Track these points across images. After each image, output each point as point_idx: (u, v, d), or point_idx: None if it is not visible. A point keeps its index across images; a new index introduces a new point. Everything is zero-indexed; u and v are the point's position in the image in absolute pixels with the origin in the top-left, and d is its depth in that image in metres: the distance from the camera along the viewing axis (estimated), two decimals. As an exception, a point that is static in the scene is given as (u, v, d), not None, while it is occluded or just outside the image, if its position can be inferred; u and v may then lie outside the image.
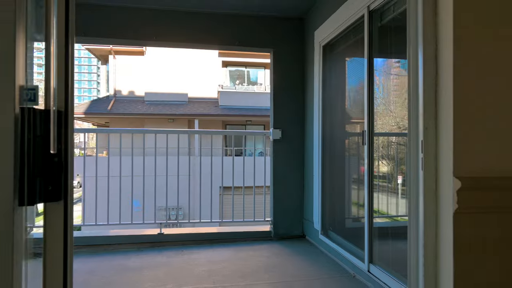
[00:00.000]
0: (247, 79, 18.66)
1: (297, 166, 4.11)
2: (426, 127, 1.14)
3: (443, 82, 1.23)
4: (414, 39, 1.26)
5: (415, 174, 1.17)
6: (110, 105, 15.42)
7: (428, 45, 1.24)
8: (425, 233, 1.16)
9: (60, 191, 0.78)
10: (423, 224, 1.15)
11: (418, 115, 1.18)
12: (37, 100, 0.80)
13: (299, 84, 4.11)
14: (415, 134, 1.16)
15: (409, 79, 1.23)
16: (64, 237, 0.79)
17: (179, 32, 3.82)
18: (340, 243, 3.25)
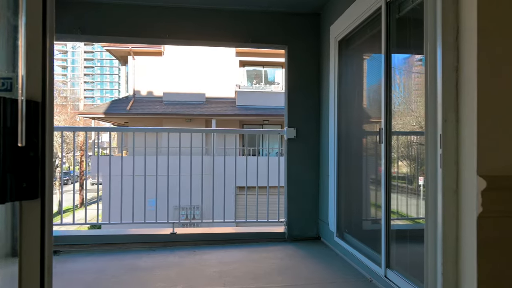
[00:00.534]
0: (264, 78, 18.58)
1: (312, 166, 4.00)
2: (445, 119, 1.01)
3: (466, 71, 1.10)
4: (432, 24, 1.14)
5: (432, 172, 1.05)
6: (129, 105, 15.64)
7: (448, 31, 1.12)
8: (444, 239, 1.05)
9: (37, 188, 0.72)
10: (441, 229, 1.04)
11: (436, 106, 1.05)
12: (15, 90, 0.74)
13: (314, 81, 4.00)
14: (433, 127, 1.04)
15: (426, 67, 1.11)
16: (41, 238, 0.72)
17: (191, 30, 3.78)
18: (356, 246, 3.12)
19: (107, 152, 23.77)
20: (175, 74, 16.69)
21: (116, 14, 3.68)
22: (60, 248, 3.61)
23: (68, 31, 3.64)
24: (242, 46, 4.02)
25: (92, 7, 3.64)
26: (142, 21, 3.72)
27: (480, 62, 1.14)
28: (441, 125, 1.01)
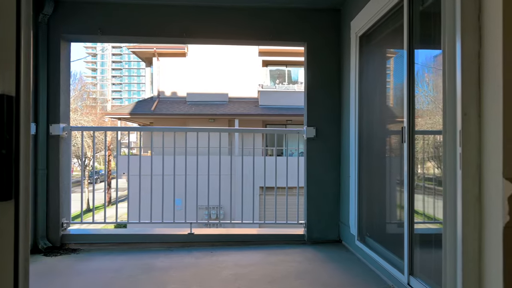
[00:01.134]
0: (287, 78, 18.44)
1: (333, 166, 3.87)
2: (465, 113, 0.88)
3: (490, 56, 0.95)
4: (451, 2, 1.00)
5: (451, 174, 0.92)
6: (154, 106, 15.91)
7: (469, 9, 0.97)
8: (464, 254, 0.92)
9: (10, 188, 0.67)
10: (461, 241, 0.91)
11: (455, 97, 0.92)
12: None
13: (334, 78, 3.87)
14: (451, 122, 0.91)
15: (444, 51, 0.98)
16: (15, 242, 0.67)
17: (209, 28, 3.74)
18: (378, 251, 2.98)
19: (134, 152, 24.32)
20: (199, 75, 16.83)
21: (135, 14, 3.70)
22: (81, 246, 3.66)
23: (89, 32, 3.68)
24: (260, 43, 3.96)
25: (111, 8, 3.67)
26: (160, 21, 3.72)
27: (506, 45, 0.98)
28: (461, 120, 0.88)
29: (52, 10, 3.55)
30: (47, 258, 3.35)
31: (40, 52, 3.54)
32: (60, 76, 3.65)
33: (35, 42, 3.52)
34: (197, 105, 16.37)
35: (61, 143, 3.68)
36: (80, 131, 4.09)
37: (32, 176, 3.52)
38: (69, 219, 3.82)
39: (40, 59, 3.55)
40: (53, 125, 3.62)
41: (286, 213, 4.04)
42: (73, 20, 3.64)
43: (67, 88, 3.82)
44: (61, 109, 3.69)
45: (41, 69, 3.55)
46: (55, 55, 3.62)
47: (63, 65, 3.71)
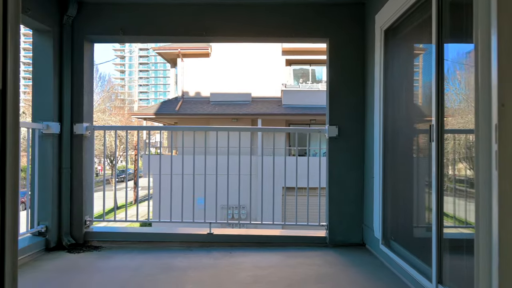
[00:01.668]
0: (311, 77, 18.22)
1: (356, 166, 3.73)
2: (502, 103, 0.76)
3: None
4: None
5: (485, 175, 0.81)
6: (178, 106, 16.11)
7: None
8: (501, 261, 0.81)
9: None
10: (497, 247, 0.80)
11: (489, 84, 0.80)
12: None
13: (358, 75, 3.73)
14: (485, 115, 0.78)
15: (477, 28, 0.86)
16: (1, 245, 0.63)
17: (228, 27, 3.69)
18: (404, 256, 2.83)
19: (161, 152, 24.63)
20: (222, 75, 16.91)
21: (155, 14, 3.70)
22: (103, 244, 3.70)
23: (111, 32, 3.72)
24: (281, 40, 3.88)
25: (132, 8, 3.69)
26: (179, 19, 3.71)
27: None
28: (497, 112, 0.76)
29: (76, 11, 3.60)
30: (70, 255, 3.40)
31: (64, 53, 3.61)
32: (83, 77, 3.71)
33: (59, 43, 3.58)
34: (221, 105, 16.45)
35: (84, 142, 3.74)
36: (105, 130, 4.14)
37: (57, 175, 3.59)
38: (92, 217, 3.87)
39: (64, 60, 3.61)
40: (76, 124, 3.68)
41: (307, 215, 3.94)
42: (96, 21, 3.69)
43: (90, 88, 3.88)
44: (85, 109, 3.74)
45: (65, 70, 3.61)
46: (79, 56, 3.68)
47: (87, 65, 3.76)
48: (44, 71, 3.51)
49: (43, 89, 3.52)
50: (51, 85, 3.51)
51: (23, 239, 3.39)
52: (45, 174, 3.51)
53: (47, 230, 3.50)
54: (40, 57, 3.51)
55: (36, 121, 3.50)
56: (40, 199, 3.50)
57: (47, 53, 3.50)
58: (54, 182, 3.55)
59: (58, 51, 3.58)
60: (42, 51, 3.50)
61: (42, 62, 3.51)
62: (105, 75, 50.47)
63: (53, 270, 3.02)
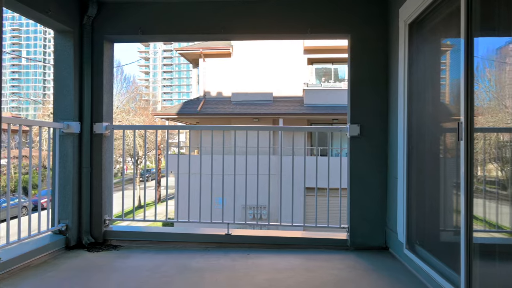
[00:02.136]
0: (334, 76, 17.94)
1: (379, 166, 3.58)
2: None
3: None
4: None
5: None
6: (200, 106, 16.23)
7: None
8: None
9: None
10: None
11: None
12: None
13: (381, 72, 3.58)
14: None
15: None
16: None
17: (245, 24, 3.62)
18: (429, 262, 2.68)
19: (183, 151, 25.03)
20: (243, 74, 16.90)
21: (173, 13, 3.69)
22: (121, 243, 3.72)
23: (130, 32, 3.73)
24: (300, 37, 3.77)
25: (150, 7, 3.69)
26: (197, 18, 3.67)
27: None
28: None
29: (96, 12, 3.63)
30: (89, 254, 3.43)
31: (85, 53, 3.65)
32: (103, 77, 3.73)
33: (80, 43, 3.62)
34: (242, 104, 16.45)
35: (104, 141, 3.77)
36: (123, 130, 4.16)
37: (77, 174, 3.63)
38: (111, 216, 3.90)
39: (85, 60, 3.65)
40: (96, 124, 3.71)
41: (328, 216, 3.82)
42: (115, 21, 3.71)
43: (110, 88, 3.90)
44: (104, 109, 3.77)
45: (85, 70, 3.65)
46: (99, 56, 3.71)
47: (106, 65, 3.79)
48: (65, 71, 3.56)
49: (64, 89, 3.56)
50: (71, 85, 3.55)
51: (44, 237, 3.44)
52: (66, 173, 3.56)
53: (67, 228, 3.55)
54: (61, 58, 3.56)
55: (57, 121, 3.55)
56: (60, 198, 3.55)
57: (68, 54, 3.54)
58: (74, 181, 3.59)
59: (79, 52, 3.62)
60: (63, 51, 3.55)
61: (63, 62, 3.55)
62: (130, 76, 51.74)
63: (71, 269, 3.05)
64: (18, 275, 2.85)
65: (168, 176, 4.31)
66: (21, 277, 2.81)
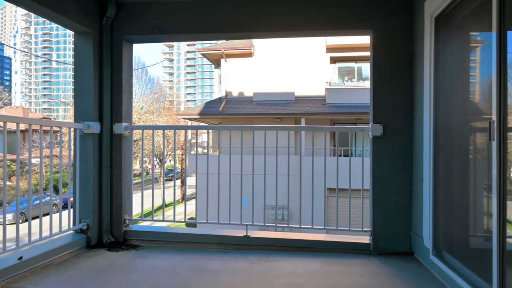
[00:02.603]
0: (357, 74, 17.59)
1: (403, 168, 3.42)
2: None
3: None
4: None
5: None
6: (222, 106, 16.29)
7: None
8: None
9: None
10: None
11: None
12: None
13: (405, 69, 3.42)
14: None
15: None
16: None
17: (263, 21, 3.55)
18: (458, 269, 2.52)
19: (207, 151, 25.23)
20: (265, 74, 16.84)
21: (190, 12, 3.66)
22: (141, 243, 3.73)
23: (148, 32, 3.73)
24: (321, 34, 3.66)
25: (167, 7, 3.68)
26: (215, 16, 3.63)
27: None
28: None
29: (115, 12, 3.65)
30: (109, 253, 3.45)
31: (104, 54, 3.68)
32: (122, 77, 3.75)
33: (99, 44, 3.66)
34: (263, 104, 16.39)
35: (123, 141, 3.79)
36: (142, 130, 4.18)
37: (97, 174, 3.67)
38: (131, 216, 3.92)
39: (104, 61, 3.68)
40: (116, 124, 3.73)
41: (349, 219, 3.69)
42: (133, 22, 3.72)
43: (129, 88, 3.93)
44: (124, 109, 3.79)
45: (105, 70, 3.68)
46: (118, 57, 3.73)
47: (125, 66, 3.81)
48: (85, 72, 3.60)
49: (84, 90, 3.61)
50: (91, 85, 3.59)
51: (66, 236, 3.49)
52: (87, 173, 3.60)
53: (88, 228, 3.58)
54: (81, 59, 3.60)
55: (78, 121, 3.60)
56: (81, 197, 3.60)
57: (88, 55, 3.58)
58: (95, 181, 3.63)
59: (98, 52, 3.65)
60: (83, 52, 3.59)
61: (83, 63, 3.60)
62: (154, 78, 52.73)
63: (91, 268, 3.07)
64: (39, 273, 2.89)
65: (187, 176, 4.30)
66: (42, 276, 2.85)
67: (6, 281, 2.66)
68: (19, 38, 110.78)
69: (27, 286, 2.64)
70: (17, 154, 3.02)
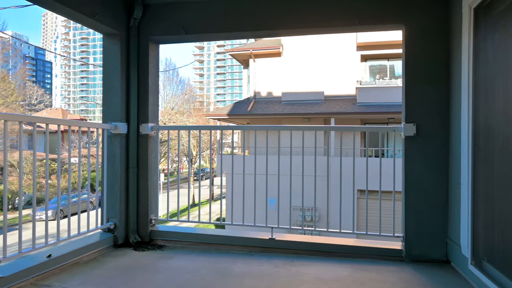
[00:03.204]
0: (390, 73, 17.04)
1: (438, 170, 3.21)
2: None
3: None
4: None
5: None
6: (250, 106, 16.28)
7: None
8: None
9: None
10: None
11: None
12: None
13: (440, 65, 3.21)
14: None
15: None
16: None
17: (289, 18, 3.44)
18: (501, 283, 2.30)
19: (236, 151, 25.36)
20: (294, 74, 16.67)
21: (214, 11, 3.62)
22: (167, 243, 3.73)
23: (173, 32, 3.73)
24: (346, 30, 3.50)
25: (191, 7, 3.66)
26: (238, 15, 3.58)
27: None
28: None
29: (141, 14, 3.68)
30: (135, 253, 3.48)
31: (131, 55, 3.71)
32: (149, 78, 3.78)
33: (126, 46, 3.69)
34: (292, 104, 16.22)
35: (149, 142, 3.81)
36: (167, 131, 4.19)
37: (124, 174, 3.70)
38: (157, 216, 3.94)
39: (131, 62, 3.71)
40: (142, 124, 3.76)
41: (380, 223, 3.52)
42: (159, 22, 3.73)
43: (155, 89, 3.95)
44: (150, 109, 3.81)
45: (132, 71, 3.71)
46: (144, 58, 3.76)
47: (152, 66, 3.83)
48: (112, 73, 3.64)
49: (112, 91, 3.65)
50: (118, 86, 3.63)
51: (95, 235, 3.55)
52: (114, 173, 3.64)
53: (115, 227, 3.63)
54: (109, 60, 3.66)
55: (106, 122, 3.65)
56: (109, 197, 3.65)
57: (115, 56, 3.62)
58: (122, 181, 3.67)
59: (126, 54, 3.69)
60: (110, 54, 3.64)
61: (111, 64, 3.65)
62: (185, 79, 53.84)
63: (117, 268, 3.09)
64: (67, 271, 2.94)
65: (215, 176, 4.27)
66: (69, 274, 2.90)
67: (35, 278, 2.72)
68: (59, 43, 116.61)
69: (55, 284, 2.69)
70: (58, 155, 3.10)
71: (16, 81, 35.68)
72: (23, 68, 50.55)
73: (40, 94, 48.74)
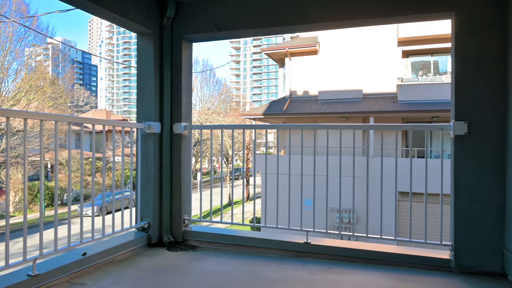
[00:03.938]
0: (433, 69, 16.17)
1: (493, 173, 2.90)
2: None
3: None
4: None
5: None
6: (286, 106, 16.09)
7: None
8: None
9: None
10: None
11: None
12: None
13: (495, 57, 2.89)
14: None
15: None
16: None
17: (327, 10, 3.25)
18: None
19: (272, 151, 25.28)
20: (331, 72, 16.27)
21: (246, 7, 3.51)
22: (200, 244, 3.68)
23: (206, 30, 3.67)
24: (385, 21, 3.25)
25: (223, 3, 3.58)
26: (271, 10, 3.43)
27: None
28: None
29: (174, 12, 3.65)
30: (168, 253, 3.45)
31: (164, 54, 3.69)
32: (182, 77, 3.74)
33: (160, 45, 3.68)
34: (329, 103, 15.84)
35: (183, 141, 3.78)
36: (200, 130, 4.14)
37: (158, 174, 3.69)
38: (190, 216, 3.90)
39: (165, 61, 3.69)
40: (176, 124, 3.73)
41: (425, 229, 3.25)
42: (192, 20, 3.68)
43: (189, 88, 3.91)
44: (183, 109, 3.78)
45: (165, 70, 3.69)
46: (177, 56, 3.73)
47: (185, 65, 3.79)
48: (146, 73, 3.64)
49: (146, 90, 3.65)
50: (152, 86, 3.62)
51: (129, 233, 3.56)
52: (148, 172, 3.64)
53: (149, 226, 3.62)
54: (143, 59, 3.66)
55: (140, 121, 3.65)
56: (142, 196, 3.65)
57: (149, 55, 3.62)
58: (155, 180, 3.66)
59: (159, 53, 3.68)
60: (144, 53, 3.64)
61: (145, 64, 3.65)
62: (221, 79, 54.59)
63: (150, 268, 3.07)
64: (101, 270, 2.95)
65: (250, 176, 4.17)
66: (103, 272, 2.90)
67: (70, 276, 2.75)
68: (103, 47, 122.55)
69: (88, 282, 2.70)
70: (104, 154, 3.14)
71: (64, 84, 37.83)
72: (70, 71, 53.50)
73: (86, 96, 51.43)
